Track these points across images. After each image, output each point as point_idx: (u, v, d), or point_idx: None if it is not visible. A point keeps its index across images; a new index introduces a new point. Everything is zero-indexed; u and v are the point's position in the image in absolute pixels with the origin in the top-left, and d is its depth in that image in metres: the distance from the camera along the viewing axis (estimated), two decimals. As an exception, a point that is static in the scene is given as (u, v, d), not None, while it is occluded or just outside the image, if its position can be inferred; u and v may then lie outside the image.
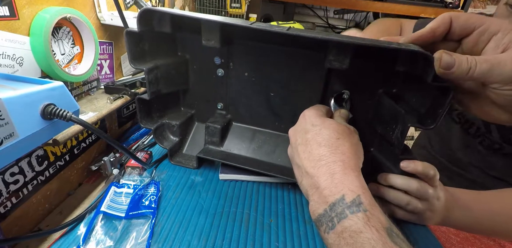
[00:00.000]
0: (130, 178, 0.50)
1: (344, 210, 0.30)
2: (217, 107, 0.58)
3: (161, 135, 0.56)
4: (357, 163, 0.36)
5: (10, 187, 0.44)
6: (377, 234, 0.27)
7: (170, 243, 0.40)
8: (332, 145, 0.36)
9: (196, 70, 0.55)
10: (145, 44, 0.48)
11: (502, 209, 0.48)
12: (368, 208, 0.30)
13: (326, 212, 0.31)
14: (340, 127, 0.39)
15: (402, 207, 0.44)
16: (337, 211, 0.30)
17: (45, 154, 0.51)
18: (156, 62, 0.49)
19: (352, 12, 1.64)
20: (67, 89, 0.36)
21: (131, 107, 0.80)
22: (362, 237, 0.27)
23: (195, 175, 0.55)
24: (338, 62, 0.42)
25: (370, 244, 0.27)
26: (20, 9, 0.42)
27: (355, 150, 0.37)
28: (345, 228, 0.29)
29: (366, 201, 0.30)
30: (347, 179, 0.33)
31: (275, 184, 0.54)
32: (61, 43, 0.51)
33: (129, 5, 0.69)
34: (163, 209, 0.46)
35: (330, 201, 0.32)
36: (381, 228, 0.28)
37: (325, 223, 0.31)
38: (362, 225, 0.28)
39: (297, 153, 0.39)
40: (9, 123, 0.28)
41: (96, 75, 0.63)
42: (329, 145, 0.36)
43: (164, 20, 0.47)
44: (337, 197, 0.31)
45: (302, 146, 0.38)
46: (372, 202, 0.31)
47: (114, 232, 0.40)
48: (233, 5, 1.15)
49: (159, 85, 0.51)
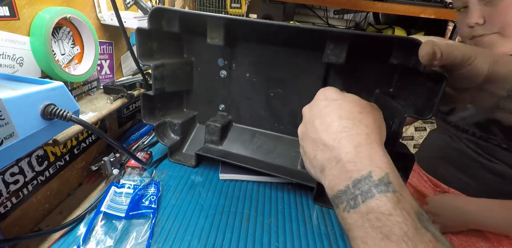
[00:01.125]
0: (130, 178, 0.50)
1: (371, 189, 0.27)
2: (219, 108, 0.59)
3: (162, 133, 0.57)
4: (382, 139, 0.33)
5: (10, 187, 0.44)
6: (408, 218, 0.25)
7: (170, 243, 0.40)
8: (355, 118, 0.33)
9: (200, 72, 0.57)
10: (153, 43, 0.50)
11: None
12: (398, 188, 0.27)
13: (348, 189, 0.28)
14: (362, 102, 0.36)
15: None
16: (363, 189, 0.27)
17: (45, 154, 0.51)
18: (163, 61, 0.51)
19: (352, 12, 1.64)
20: (67, 89, 0.36)
21: (131, 107, 0.80)
22: (392, 220, 0.25)
23: (195, 175, 0.55)
24: (335, 56, 0.43)
25: (400, 229, 0.24)
26: (20, 9, 0.42)
27: (379, 125, 0.34)
28: (371, 209, 0.26)
29: (395, 180, 0.27)
30: (374, 154, 0.29)
31: (275, 184, 0.54)
32: (61, 43, 0.51)
33: (129, 5, 0.69)
34: (163, 209, 0.46)
35: (354, 177, 0.28)
36: (412, 212, 0.25)
37: (345, 201, 0.28)
38: (391, 206, 0.25)
39: (313, 127, 0.35)
40: (9, 123, 0.28)
41: (96, 75, 0.63)
42: (352, 118, 0.33)
43: (173, 19, 0.49)
44: (363, 173, 0.28)
45: (320, 119, 0.35)
46: (401, 182, 0.28)
47: (114, 232, 0.40)
48: (233, 5, 1.15)
49: (164, 83, 0.52)
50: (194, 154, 0.57)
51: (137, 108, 0.84)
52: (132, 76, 0.75)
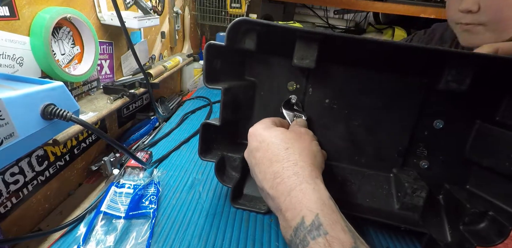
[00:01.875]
0: (130, 178, 0.49)
1: (305, 236, 0.28)
2: None
3: (221, 170, 0.47)
4: (313, 169, 0.33)
5: (10, 187, 0.44)
6: None
7: (170, 243, 0.40)
8: (283, 158, 0.34)
9: (263, 96, 0.48)
10: (218, 62, 0.42)
11: None
12: (328, 229, 0.27)
13: (292, 238, 0.29)
14: (287, 135, 0.37)
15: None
16: (300, 237, 0.28)
17: (45, 154, 0.51)
18: (229, 83, 0.43)
19: (352, 12, 1.64)
20: (67, 89, 0.36)
21: (131, 107, 0.81)
22: None
23: (195, 175, 0.55)
24: (457, 83, 0.36)
25: None
26: (20, 9, 0.42)
27: (308, 154, 0.35)
28: None
29: (325, 220, 0.28)
30: (304, 195, 0.30)
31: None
32: (61, 43, 0.51)
33: (129, 5, 0.69)
34: (163, 209, 0.46)
35: (293, 226, 0.29)
36: None
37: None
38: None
39: (255, 175, 0.37)
40: (9, 123, 0.28)
41: (96, 75, 0.63)
42: (280, 159, 0.34)
43: (251, 33, 0.41)
44: (298, 220, 0.29)
45: (257, 167, 0.36)
46: (333, 218, 0.29)
47: (114, 232, 0.40)
48: (233, 5, 1.15)
49: (229, 109, 0.44)
50: (257, 196, 0.48)
51: (137, 108, 0.84)
52: (132, 76, 0.76)
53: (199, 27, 1.30)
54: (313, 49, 0.38)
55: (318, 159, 0.36)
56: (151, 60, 0.87)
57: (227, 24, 1.21)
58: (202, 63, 0.40)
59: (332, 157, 0.49)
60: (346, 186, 0.48)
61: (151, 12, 0.69)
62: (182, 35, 1.13)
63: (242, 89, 0.46)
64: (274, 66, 0.44)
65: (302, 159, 0.34)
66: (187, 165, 0.58)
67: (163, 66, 0.84)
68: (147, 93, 0.73)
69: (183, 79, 1.18)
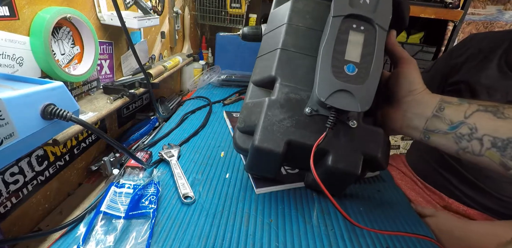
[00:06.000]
0: (130, 178, 0.49)
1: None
2: None
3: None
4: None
5: (10, 187, 0.44)
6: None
7: (170, 243, 0.40)
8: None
9: None
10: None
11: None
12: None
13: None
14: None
15: None
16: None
17: (45, 154, 0.51)
18: None
19: (352, 12, 1.64)
20: (67, 89, 0.36)
21: (131, 107, 0.80)
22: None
23: (195, 175, 0.55)
24: None
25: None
26: (20, 9, 0.42)
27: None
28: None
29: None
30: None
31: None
32: (61, 43, 0.51)
33: (129, 5, 0.69)
34: (163, 209, 0.46)
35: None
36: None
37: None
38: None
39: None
40: (9, 123, 0.28)
41: (96, 75, 0.63)
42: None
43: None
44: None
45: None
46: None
47: (114, 232, 0.40)
48: (233, 5, 1.15)
49: None
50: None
51: (137, 108, 0.84)
52: (132, 76, 0.75)
53: (199, 27, 1.30)
54: None
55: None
56: (151, 60, 0.87)
57: (227, 24, 1.21)
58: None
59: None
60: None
61: (151, 12, 0.69)
62: (182, 35, 1.13)
63: None
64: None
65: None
66: (187, 165, 0.58)
67: (163, 66, 0.84)
68: (147, 93, 0.73)
69: (183, 79, 1.18)
